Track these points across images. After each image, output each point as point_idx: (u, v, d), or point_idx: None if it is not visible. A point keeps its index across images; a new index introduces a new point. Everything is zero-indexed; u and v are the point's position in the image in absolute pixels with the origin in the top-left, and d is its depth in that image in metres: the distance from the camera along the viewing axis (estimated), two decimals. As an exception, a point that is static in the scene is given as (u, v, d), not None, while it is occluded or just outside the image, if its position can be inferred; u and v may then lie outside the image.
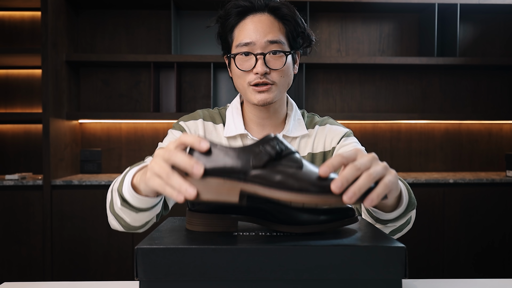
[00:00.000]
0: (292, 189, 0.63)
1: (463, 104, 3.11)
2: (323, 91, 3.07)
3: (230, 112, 1.21)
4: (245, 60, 1.09)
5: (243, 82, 1.11)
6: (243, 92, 1.13)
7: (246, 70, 1.09)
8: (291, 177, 0.64)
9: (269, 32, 1.08)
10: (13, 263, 2.53)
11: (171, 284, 0.65)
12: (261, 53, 1.07)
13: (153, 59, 2.75)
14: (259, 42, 1.07)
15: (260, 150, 0.65)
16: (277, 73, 1.09)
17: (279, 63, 1.08)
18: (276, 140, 0.66)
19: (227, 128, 1.18)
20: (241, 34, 1.09)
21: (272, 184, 0.64)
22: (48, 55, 2.53)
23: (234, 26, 1.11)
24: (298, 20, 1.12)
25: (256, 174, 0.64)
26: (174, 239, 0.70)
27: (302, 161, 0.66)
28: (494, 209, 2.63)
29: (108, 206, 0.98)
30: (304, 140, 1.20)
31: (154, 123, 2.99)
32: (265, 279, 0.65)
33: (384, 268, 0.65)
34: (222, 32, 1.15)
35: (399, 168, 3.09)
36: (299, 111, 1.25)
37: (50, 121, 2.54)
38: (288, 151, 0.66)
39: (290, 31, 1.11)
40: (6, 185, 2.51)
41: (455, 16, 2.86)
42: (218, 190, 0.65)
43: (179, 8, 2.95)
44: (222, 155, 0.65)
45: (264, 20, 1.09)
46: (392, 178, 0.64)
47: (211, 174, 0.65)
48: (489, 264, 2.64)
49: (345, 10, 3.02)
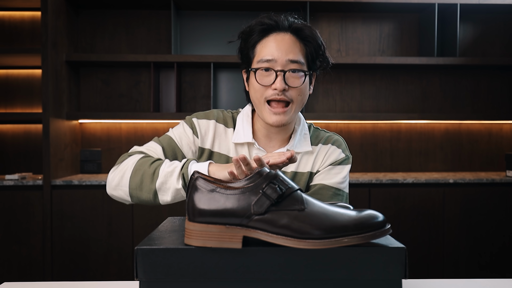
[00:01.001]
0: (295, 236, 0.62)
1: (463, 104, 3.11)
2: (323, 91, 3.07)
3: (240, 119, 1.23)
4: (265, 75, 1.12)
5: (260, 96, 1.14)
6: (258, 107, 1.16)
7: (266, 85, 1.12)
8: (294, 221, 0.62)
9: (291, 51, 1.11)
10: (13, 263, 2.53)
11: (171, 284, 0.65)
12: (282, 70, 1.10)
13: (153, 59, 2.75)
14: (280, 60, 1.11)
15: (261, 194, 0.63)
16: (295, 91, 1.12)
17: (297, 82, 1.12)
18: (276, 180, 0.64)
19: (236, 134, 1.21)
20: (264, 51, 1.13)
21: (274, 231, 0.63)
22: (48, 55, 2.52)
23: (257, 42, 1.15)
24: (319, 43, 1.16)
25: (258, 219, 0.63)
26: (174, 239, 0.70)
27: (305, 201, 0.64)
28: (494, 209, 2.63)
29: (138, 181, 1.07)
30: (306, 158, 1.22)
31: (154, 123, 2.99)
32: (265, 279, 0.65)
33: (384, 268, 0.65)
34: (244, 47, 1.18)
35: (399, 168, 3.09)
36: (306, 125, 1.26)
37: (50, 121, 2.53)
38: (290, 190, 0.65)
39: (310, 53, 1.15)
40: (6, 185, 2.51)
41: (455, 16, 2.86)
42: (220, 237, 0.64)
43: (179, 8, 2.95)
44: (223, 200, 0.64)
45: (287, 39, 1.13)
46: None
47: (211, 221, 0.64)
48: (489, 264, 2.64)
49: (345, 10, 3.02)
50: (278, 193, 0.64)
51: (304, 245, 0.61)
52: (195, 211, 0.65)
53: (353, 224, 0.62)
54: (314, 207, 0.64)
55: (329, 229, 0.62)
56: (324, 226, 0.62)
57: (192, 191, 0.66)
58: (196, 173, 0.67)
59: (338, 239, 0.62)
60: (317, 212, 0.63)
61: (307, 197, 0.66)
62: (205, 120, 1.22)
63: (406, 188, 2.61)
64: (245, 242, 0.66)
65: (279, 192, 0.64)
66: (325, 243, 0.61)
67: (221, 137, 1.22)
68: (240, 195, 0.64)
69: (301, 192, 0.66)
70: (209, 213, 0.64)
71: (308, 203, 0.65)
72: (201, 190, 0.65)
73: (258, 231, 0.64)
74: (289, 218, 0.63)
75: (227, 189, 0.65)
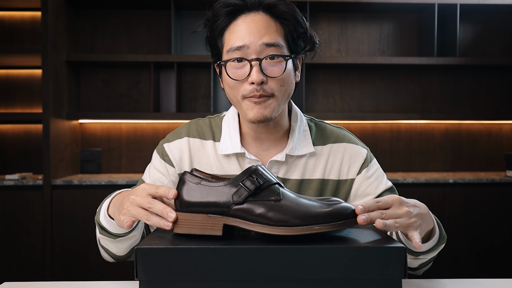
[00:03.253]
0: (270, 223, 0.67)
1: (463, 104, 3.11)
2: (323, 91, 3.07)
3: (226, 124, 1.05)
4: (238, 68, 0.94)
5: (236, 93, 0.95)
6: (237, 106, 0.99)
7: (240, 80, 0.93)
8: (269, 210, 0.68)
9: (265, 33, 0.93)
10: (13, 263, 2.53)
11: (171, 284, 0.65)
12: (257, 58, 0.92)
13: (153, 59, 2.75)
14: (253, 46, 0.92)
15: (241, 186, 0.70)
16: (276, 82, 0.93)
17: (277, 70, 0.93)
18: (256, 173, 0.70)
19: (223, 143, 1.03)
20: (232, 37, 0.94)
21: (251, 218, 0.68)
22: (48, 55, 2.53)
23: (224, 28, 0.97)
24: (298, 19, 0.97)
25: (237, 208, 0.69)
26: (174, 239, 0.71)
27: (281, 193, 0.70)
28: (494, 209, 2.63)
29: (97, 239, 1.02)
30: (313, 161, 1.04)
31: (154, 123, 2.99)
32: (265, 279, 0.65)
33: (384, 268, 0.65)
34: (211, 37, 1.01)
35: (399, 168, 3.09)
36: (304, 119, 1.08)
37: (50, 121, 2.54)
38: (267, 183, 0.70)
39: (290, 32, 0.96)
40: (6, 185, 2.51)
41: (455, 16, 2.86)
42: (202, 225, 0.70)
43: (179, 8, 2.95)
44: (206, 192, 0.71)
45: (259, 19, 0.94)
46: (405, 221, 0.74)
47: (196, 211, 0.71)
48: (489, 264, 2.64)
49: (345, 10, 3.02)
50: (256, 185, 0.69)
51: (278, 231, 0.66)
52: (182, 202, 0.72)
53: (325, 214, 0.66)
54: (289, 199, 0.69)
55: (301, 217, 0.66)
56: (297, 215, 0.67)
57: (180, 184, 0.73)
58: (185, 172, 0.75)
59: (310, 226, 0.66)
60: (292, 203, 0.68)
61: (284, 191, 0.71)
62: (176, 141, 1.05)
63: (406, 188, 2.61)
64: (245, 242, 0.66)
65: (257, 184, 0.69)
66: (297, 230, 0.66)
67: (199, 153, 1.04)
68: (223, 187, 0.70)
69: (279, 186, 0.71)
70: (193, 203, 0.71)
71: (284, 195, 0.70)
72: (187, 183, 0.72)
73: (237, 219, 0.69)
74: (265, 208, 0.68)
75: (211, 182, 0.71)
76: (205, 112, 2.94)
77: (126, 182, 2.52)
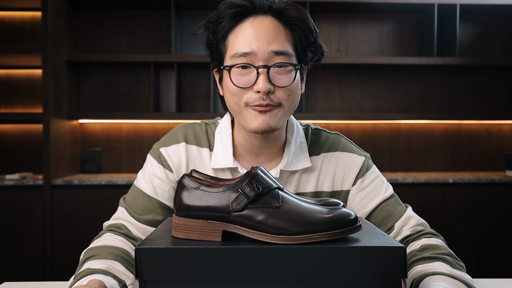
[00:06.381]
0: (270, 231, 0.67)
1: (462, 104, 3.11)
2: (323, 91, 3.07)
3: (219, 135, 0.99)
4: (243, 74, 0.87)
5: (239, 101, 0.88)
6: (237, 114, 0.91)
7: (245, 87, 0.86)
8: (269, 218, 0.67)
9: (274, 40, 0.86)
10: (13, 263, 2.53)
11: (171, 284, 0.66)
12: (264, 65, 0.85)
13: (153, 59, 2.75)
14: (261, 53, 0.85)
15: (240, 193, 0.68)
16: (284, 92, 0.87)
17: (286, 80, 0.87)
18: (255, 179, 0.69)
19: (215, 156, 0.97)
20: (238, 42, 0.87)
21: (251, 225, 0.68)
22: (48, 55, 2.53)
23: (229, 31, 0.89)
24: (310, 26, 0.91)
25: (237, 215, 0.68)
26: (174, 239, 0.71)
27: (281, 198, 0.69)
28: (494, 209, 2.64)
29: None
30: (307, 175, 0.98)
31: (154, 123, 2.99)
32: (265, 279, 0.65)
33: (384, 268, 0.65)
34: (213, 40, 0.92)
35: (398, 168, 3.09)
36: (301, 130, 1.01)
37: (50, 121, 2.54)
38: (267, 189, 0.69)
39: (299, 40, 0.89)
40: (6, 185, 2.51)
41: (454, 16, 2.86)
42: (202, 231, 0.70)
43: (179, 8, 2.95)
44: (206, 197, 0.70)
45: (267, 24, 0.87)
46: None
47: (195, 215, 0.70)
48: (489, 263, 2.64)
49: (345, 10, 3.02)
50: (256, 192, 0.68)
51: (277, 241, 0.66)
52: (181, 207, 0.71)
53: (324, 222, 0.66)
54: (289, 204, 0.68)
55: (301, 225, 0.66)
56: (296, 223, 0.66)
57: (179, 188, 0.72)
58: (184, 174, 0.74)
59: (309, 235, 0.65)
60: (291, 209, 0.68)
61: (284, 195, 0.69)
62: (174, 145, 0.99)
63: (405, 188, 2.62)
64: (245, 243, 0.67)
65: (257, 191, 0.68)
66: (296, 239, 0.65)
67: (196, 162, 0.98)
68: (222, 193, 0.69)
69: (279, 190, 0.70)
70: (193, 208, 0.70)
71: (284, 200, 0.69)
72: (186, 188, 0.71)
73: (236, 226, 0.69)
74: (265, 215, 0.67)
75: (210, 187, 0.70)
76: (205, 112, 2.94)
77: (126, 182, 2.52)
